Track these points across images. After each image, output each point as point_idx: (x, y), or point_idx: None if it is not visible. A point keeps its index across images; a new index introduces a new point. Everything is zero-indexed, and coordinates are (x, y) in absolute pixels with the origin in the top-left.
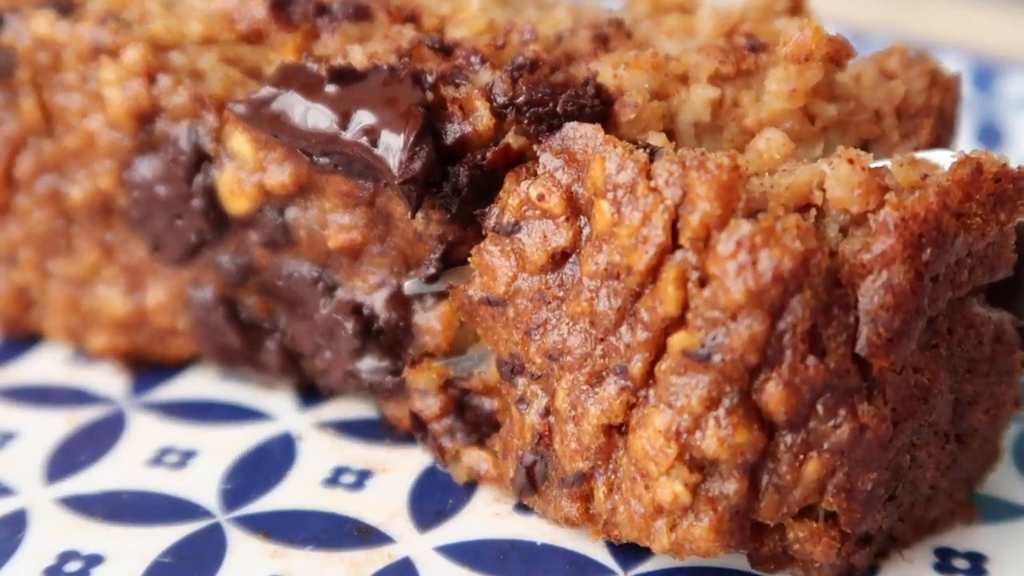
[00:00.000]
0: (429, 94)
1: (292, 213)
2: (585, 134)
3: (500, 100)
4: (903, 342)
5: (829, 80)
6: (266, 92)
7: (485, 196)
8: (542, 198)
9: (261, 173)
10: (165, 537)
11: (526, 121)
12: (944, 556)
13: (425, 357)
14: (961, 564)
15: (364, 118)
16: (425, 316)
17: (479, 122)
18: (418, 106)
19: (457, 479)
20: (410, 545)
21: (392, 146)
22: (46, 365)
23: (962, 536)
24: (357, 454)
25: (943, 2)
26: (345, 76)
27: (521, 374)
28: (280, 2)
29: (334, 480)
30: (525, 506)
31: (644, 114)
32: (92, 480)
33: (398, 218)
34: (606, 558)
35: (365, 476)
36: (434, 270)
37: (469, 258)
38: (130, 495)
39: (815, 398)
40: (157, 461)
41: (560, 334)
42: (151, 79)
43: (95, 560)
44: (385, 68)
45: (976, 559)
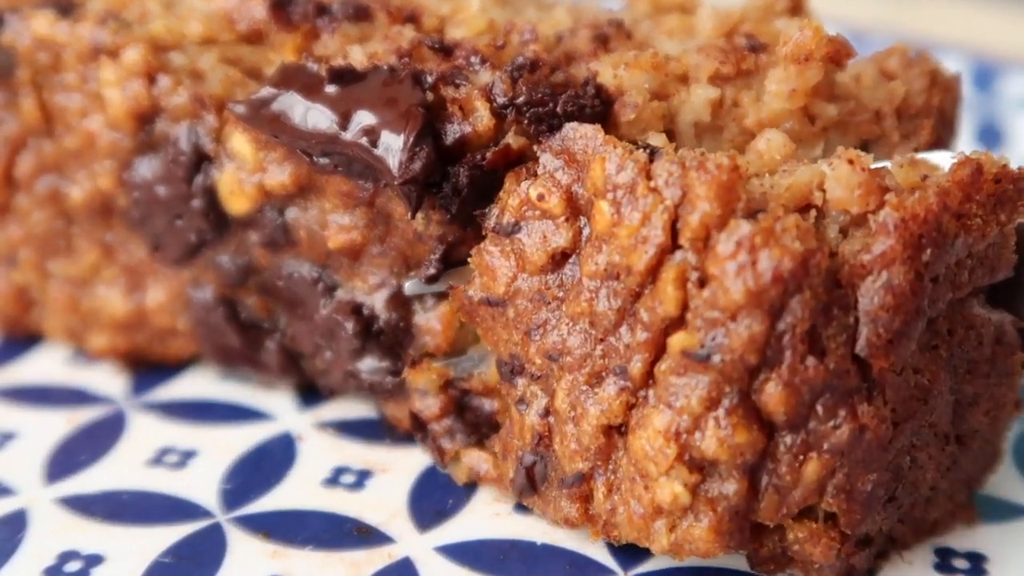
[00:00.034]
0: (429, 94)
1: (292, 213)
2: (585, 134)
3: (500, 100)
4: (903, 343)
5: (829, 80)
6: (266, 92)
7: (485, 196)
8: (542, 198)
9: (261, 173)
10: (165, 537)
11: (526, 121)
12: (944, 556)
13: (425, 358)
14: (961, 564)
15: (364, 118)
16: (425, 316)
17: (479, 122)
18: (418, 106)
19: (457, 480)
20: (410, 545)
21: (392, 146)
22: (46, 365)
23: (962, 536)
24: (357, 454)
25: (943, 2)
26: (345, 76)
27: (521, 374)
28: (280, 2)
29: (334, 480)
30: (525, 506)
31: (644, 114)
32: (92, 480)
33: (398, 218)
34: (606, 558)
35: (365, 476)
36: (434, 270)
37: (469, 259)
38: (130, 495)
39: (815, 399)
40: (157, 461)
41: (560, 334)
42: (151, 79)
43: (95, 560)
44: (385, 68)
45: (976, 559)
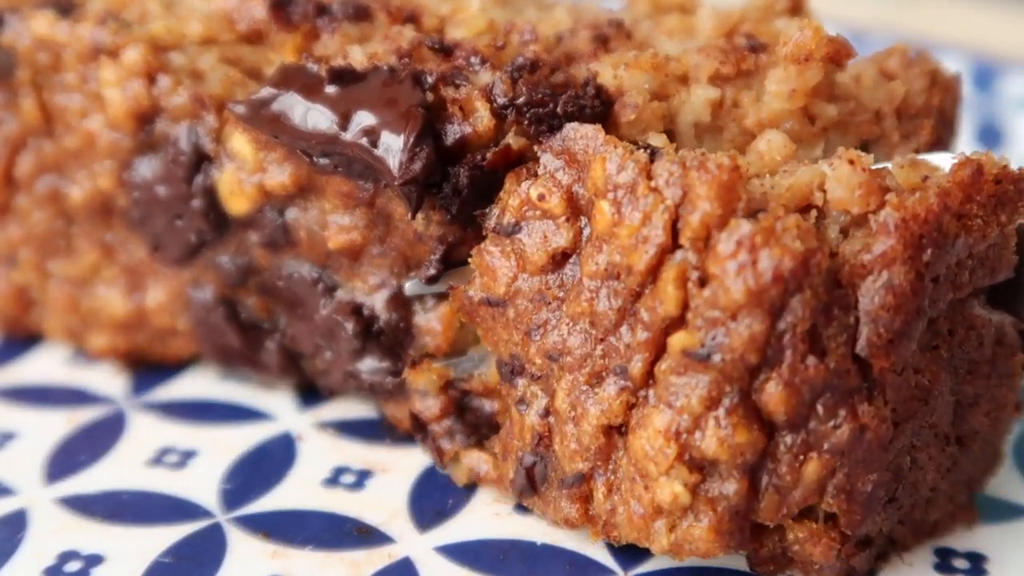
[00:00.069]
0: (429, 95)
1: (292, 214)
2: (586, 135)
3: (500, 101)
4: (903, 343)
5: (829, 80)
6: (266, 93)
7: (485, 197)
8: (542, 198)
9: (261, 174)
10: (165, 537)
11: (526, 122)
12: (944, 556)
13: (425, 358)
14: (961, 564)
15: (364, 119)
16: (425, 317)
17: (479, 123)
18: (418, 107)
19: (457, 481)
20: (410, 545)
21: (392, 147)
22: (46, 365)
23: (962, 536)
24: (357, 454)
25: (943, 2)
26: (345, 77)
27: (521, 375)
28: (280, 2)
29: (334, 480)
30: (525, 506)
31: (644, 115)
32: (92, 480)
33: (398, 219)
34: (606, 558)
35: (365, 476)
36: (434, 271)
37: (469, 259)
38: (130, 495)
39: (815, 398)
40: (157, 461)
41: (560, 334)
42: (151, 79)
43: (95, 560)
44: (385, 69)
45: (976, 559)
